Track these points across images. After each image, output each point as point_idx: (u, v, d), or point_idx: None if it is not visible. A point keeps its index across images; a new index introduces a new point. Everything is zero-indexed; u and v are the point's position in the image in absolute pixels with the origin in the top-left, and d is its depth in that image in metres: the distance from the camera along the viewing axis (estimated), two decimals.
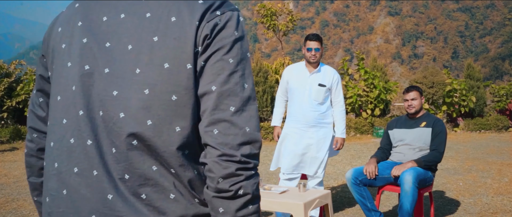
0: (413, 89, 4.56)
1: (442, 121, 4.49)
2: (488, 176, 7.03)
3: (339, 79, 4.66)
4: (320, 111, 4.46)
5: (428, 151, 4.37)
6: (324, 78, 4.48)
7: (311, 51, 4.39)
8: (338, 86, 4.59)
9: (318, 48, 4.40)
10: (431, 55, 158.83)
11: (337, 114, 4.60)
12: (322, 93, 4.44)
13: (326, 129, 4.51)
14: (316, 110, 4.43)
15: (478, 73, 14.68)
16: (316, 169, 4.47)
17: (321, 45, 4.44)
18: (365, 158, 9.15)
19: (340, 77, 4.70)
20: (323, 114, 4.47)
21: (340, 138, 4.58)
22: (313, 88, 4.42)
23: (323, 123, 4.49)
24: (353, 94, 12.80)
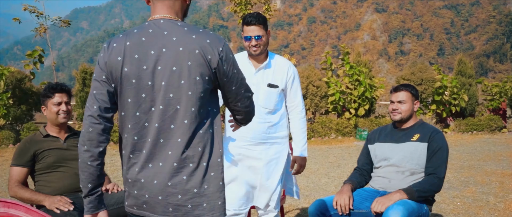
0: (403, 89, 3.32)
1: (442, 133, 3.26)
2: (489, 192, 5.86)
3: (296, 74, 3.38)
4: (271, 122, 3.22)
5: (422, 175, 3.16)
6: (275, 75, 3.22)
7: (251, 40, 3.10)
8: (295, 84, 3.34)
9: (260, 35, 3.09)
10: (418, 51, 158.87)
11: (295, 124, 3.35)
12: (274, 96, 3.20)
13: (278, 146, 3.28)
14: (265, 121, 3.20)
15: (470, 69, 13.54)
16: (267, 201, 3.24)
17: (264, 29, 3.12)
18: (346, 166, 7.94)
19: (296, 72, 3.42)
20: (275, 126, 3.25)
21: (299, 157, 3.33)
22: (261, 90, 3.17)
23: (274, 139, 3.26)
24: (336, 91, 11.56)
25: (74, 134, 3.36)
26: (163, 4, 1.87)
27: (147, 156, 1.82)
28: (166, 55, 1.78)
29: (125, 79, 1.80)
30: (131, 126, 1.83)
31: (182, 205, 1.82)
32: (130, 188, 1.87)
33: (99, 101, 1.82)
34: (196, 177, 1.82)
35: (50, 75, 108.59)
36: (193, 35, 1.81)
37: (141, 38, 1.81)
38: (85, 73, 11.51)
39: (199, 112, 1.81)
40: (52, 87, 3.24)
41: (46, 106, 3.24)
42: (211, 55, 1.80)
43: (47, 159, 3.17)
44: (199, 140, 1.82)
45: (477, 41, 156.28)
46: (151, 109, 1.81)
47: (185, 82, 1.77)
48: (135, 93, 1.80)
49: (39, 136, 3.25)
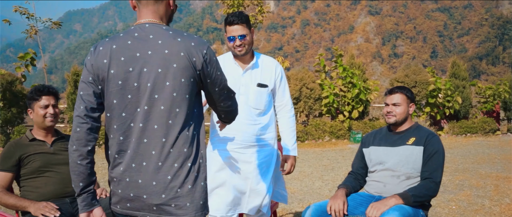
0: (397, 91, 3.26)
1: (438, 137, 3.19)
2: (484, 195, 5.81)
3: (283, 72, 3.30)
4: (261, 124, 3.14)
5: (417, 179, 3.09)
6: (263, 74, 3.14)
7: (235, 41, 3.01)
8: (283, 83, 3.26)
9: (244, 34, 2.99)
10: (411, 54, 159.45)
11: (284, 123, 3.27)
12: (264, 96, 3.12)
13: (268, 149, 3.20)
14: (256, 123, 3.12)
15: (464, 72, 13.50)
16: (259, 206, 3.16)
17: (248, 28, 3.03)
18: (340, 169, 7.88)
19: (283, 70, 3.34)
20: (265, 128, 3.16)
21: (290, 156, 3.24)
22: (250, 91, 3.09)
23: (264, 141, 3.18)
24: (330, 94, 11.48)
25: (62, 137, 3.27)
26: (148, 9, 1.93)
27: (132, 155, 1.87)
28: (151, 57, 1.84)
29: (111, 81, 1.85)
30: (117, 127, 1.88)
31: (166, 204, 1.86)
32: (115, 187, 1.92)
33: (85, 102, 1.88)
34: (181, 177, 1.86)
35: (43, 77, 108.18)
36: (178, 38, 1.87)
37: (127, 42, 1.87)
38: (77, 76, 11.37)
39: (183, 113, 1.86)
40: (39, 90, 3.15)
41: (33, 109, 3.14)
42: (196, 57, 1.86)
43: (33, 163, 3.07)
44: (184, 141, 1.87)
45: (470, 44, 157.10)
46: (136, 110, 1.86)
47: (170, 83, 1.83)
48: (121, 95, 1.85)
49: (25, 140, 3.15)
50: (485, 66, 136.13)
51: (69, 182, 3.14)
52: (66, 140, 3.28)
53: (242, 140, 3.08)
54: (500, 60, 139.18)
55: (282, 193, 3.44)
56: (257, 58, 3.15)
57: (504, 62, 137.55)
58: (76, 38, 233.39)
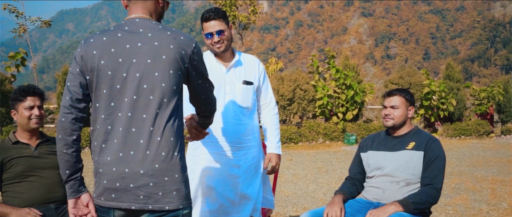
0: (396, 93, 3.13)
1: (439, 141, 3.08)
2: (481, 200, 5.72)
3: (264, 69, 3.17)
4: (248, 124, 3.00)
5: (417, 185, 2.97)
6: (247, 72, 3.01)
7: (212, 37, 2.87)
8: (266, 80, 3.13)
9: (222, 29, 2.85)
10: (404, 56, 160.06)
11: (268, 120, 3.13)
12: (250, 94, 2.98)
13: (256, 151, 3.07)
14: (242, 123, 2.97)
15: (458, 74, 13.46)
16: (250, 212, 3.02)
17: (226, 23, 2.89)
18: (334, 172, 7.77)
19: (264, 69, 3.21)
20: (251, 128, 3.03)
21: (274, 154, 3.08)
22: (237, 89, 2.95)
23: (251, 142, 3.04)
24: (324, 95, 11.37)
25: (47, 140, 3.12)
26: (137, 6, 2.01)
27: (119, 145, 1.89)
28: (141, 49, 1.90)
29: (101, 71, 1.89)
30: (104, 116, 1.91)
31: (153, 192, 1.88)
32: (100, 178, 1.92)
33: (71, 92, 1.92)
34: (168, 166, 1.89)
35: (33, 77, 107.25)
36: (167, 31, 1.94)
37: (117, 34, 1.93)
38: None
39: (171, 103, 1.91)
40: (23, 90, 3.00)
41: (17, 111, 2.99)
42: (185, 50, 1.94)
43: (16, 168, 2.92)
44: (170, 130, 1.91)
45: (462, 46, 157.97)
46: (124, 100, 1.89)
47: (159, 74, 1.88)
48: (110, 85, 1.89)
49: (8, 143, 3.00)
50: (477, 68, 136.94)
51: (54, 187, 3.00)
52: (52, 143, 3.14)
53: (230, 142, 2.93)
54: (491, 62, 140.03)
55: (268, 197, 3.30)
56: (239, 55, 3.02)
57: (496, 64, 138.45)
58: (69, 38, 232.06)
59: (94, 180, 1.97)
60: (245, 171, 2.99)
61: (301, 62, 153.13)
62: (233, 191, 2.95)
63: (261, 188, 3.10)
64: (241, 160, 2.97)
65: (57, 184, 3.03)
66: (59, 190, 3.03)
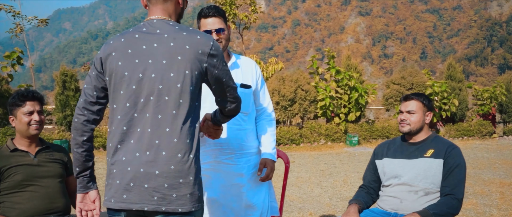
0: (413, 98, 2.98)
1: (459, 149, 2.93)
2: (491, 204, 5.59)
3: (261, 73, 2.99)
4: (248, 129, 2.81)
5: (437, 195, 2.83)
6: (245, 75, 2.80)
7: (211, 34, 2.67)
8: (263, 84, 2.95)
9: (222, 28, 2.67)
10: (401, 55, 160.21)
11: (264, 125, 2.91)
12: (249, 98, 2.79)
13: (258, 157, 2.87)
14: (243, 128, 2.78)
15: (460, 74, 13.34)
16: None
17: (224, 23, 2.72)
18: (338, 175, 7.63)
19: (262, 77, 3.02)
20: (251, 134, 2.84)
21: (269, 160, 2.82)
22: None
23: (253, 148, 2.85)
24: (325, 96, 11.22)
25: (47, 147, 2.97)
26: (157, 7, 2.00)
27: (135, 145, 1.88)
28: (157, 49, 1.89)
29: (118, 72, 1.90)
30: (120, 117, 1.90)
31: (167, 193, 1.87)
32: (113, 178, 1.91)
33: (86, 95, 1.98)
34: (183, 168, 1.88)
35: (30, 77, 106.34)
36: (183, 32, 1.93)
37: (135, 35, 1.94)
38: (65, 76, 11.01)
39: (187, 104, 1.89)
40: (22, 95, 2.85)
41: (15, 116, 2.84)
42: (202, 50, 1.91)
43: (15, 176, 2.77)
44: (187, 132, 1.90)
45: (459, 45, 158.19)
46: (140, 100, 1.89)
47: (174, 74, 1.87)
48: (127, 85, 1.89)
49: (6, 151, 2.85)
50: (474, 67, 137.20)
51: (55, 197, 2.85)
52: (52, 150, 2.99)
53: (232, 149, 2.74)
54: (488, 62, 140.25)
55: (272, 204, 3.13)
56: (236, 58, 2.84)
57: (493, 64, 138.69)
58: (66, 37, 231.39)
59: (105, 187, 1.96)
60: (249, 179, 2.82)
61: (298, 61, 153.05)
62: (238, 201, 2.78)
63: (266, 196, 2.94)
64: (244, 168, 2.80)
65: (58, 194, 2.88)
66: (60, 200, 2.88)
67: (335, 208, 5.53)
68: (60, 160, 3.00)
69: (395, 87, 12.83)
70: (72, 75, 11.09)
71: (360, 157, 9.57)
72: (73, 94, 10.96)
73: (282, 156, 3.59)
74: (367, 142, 11.91)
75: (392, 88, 12.94)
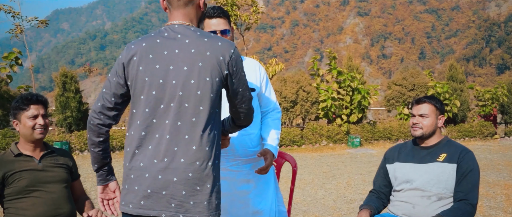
0: (426, 101, 2.92)
1: (473, 153, 2.88)
2: (497, 207, 5.54)
3: (266, 74, 2.87)
4: (253, 133, 2.73)
5: (450, 200, 2.77)
6: (249, 77, 2.64)
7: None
8: (269, 85, 2.83)
9: (227, 29, 2.59)
10: (399, 55, 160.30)
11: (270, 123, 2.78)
12: (254, 101, 2.71)
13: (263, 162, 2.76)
14: (248, 133, 2.69)
15: (461, 75, 13.30)
16: None
17: (229, 24, 2.64)
18: (341, 177, 7.58)
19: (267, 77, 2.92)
20: (257, 138, 2.75)
21: (271, 152, 2.59)
22: None
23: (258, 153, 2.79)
24: (327, 98, 11.16)
25: (51, 152, 2.90)
26: (178, 12, 1.98)
27: (153, 151, 1.87)
28: (178, 56, 1.88)
29: (139, 77, 1.90)
30: (139, 122, 1.90)
31: (185, 201, 1.86)
32: (131, 184, 1.91)
33: (103, 100, 1.98)
34: (201, 175, 1.86)
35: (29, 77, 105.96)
36: (205, 38, 1.90)
37: (156, 40, 1.92)
38: (65, 77, 10.94)
39: (206, 111, 1.87)
40: (26, 98, 2.78)
41: (19, 120, 2.77)
42: (223, 56, 1.89)
43: (19, 182, 2.70)
44: (206, 139, 1.87)
45: (457, 45, 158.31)
46: (160, 106, 1.88)
47: (195, 81, 1.85)
48: (147, 91, 1.89)
49: (10, 155, 2.78)
50: (472, 68, 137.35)
51: (61, 203, 2.79)
52: (57, 154, 2.92)
53: (237, 155, 2.68)
54: (487, 62, 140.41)
55: (280, 208, 3.06)
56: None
57: (491, 64, 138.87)
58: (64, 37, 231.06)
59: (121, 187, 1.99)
60: (256, 185, 2.75)
61: (297, 61, 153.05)
62: (244, 208, 2.70)
63: (274, 201, 2.87)
64: (251, 174, 2.72)
65: (63, 199, 2.81)
66: (66, 206, 2.81)
67: (340, 211, 5.48)
68: (65, 164, 2.93)
69: (396, 88, 12.78)
70: (72, 76, 11.02)
71: (363, 159, 9.52)
72: (73, 95, 10.89)
73: (290, 160, 3.52)
74: (369, 143, 11.86)
75: (393, 89, 12.89)
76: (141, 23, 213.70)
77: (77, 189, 3.02)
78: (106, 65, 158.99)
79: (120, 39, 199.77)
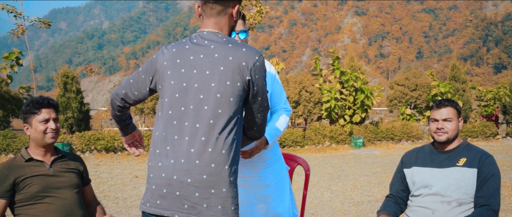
0: (448, 105, 2.85)
1: (493, 157, 2.83)
2: (506, 209, 5.51)
3: (276, 72, 2.81)
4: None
5: (471, 206, 2.72)
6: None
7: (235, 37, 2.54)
8: (279, 85, 2.77)
9: (246, 30, 2.55)
10: (397, 54, 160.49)
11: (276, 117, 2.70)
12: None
13: (279, 164, 2.75)
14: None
15: (464, 75, 13.27)
16: None
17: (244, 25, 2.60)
18: (346, 178, 7.52)
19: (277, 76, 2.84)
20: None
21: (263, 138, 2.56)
22: None
23: (274, 156, 2.72)
24: (330, 98, 11.10)
25: (62, 156, 2.83)
26: (210, 20, 2.03)
27: (171, 152, 1.91)
28: (202, 60, 1.94)
29: (166, 81, 1.97)
30: (162, 124, 1.96)
31: (198, 203, 1.86)
32: (150, 183, 1.96)
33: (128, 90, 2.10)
34: (216, 178, 1.86)
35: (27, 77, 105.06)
36: (229, 44, 1.94)
37: (185, 46, 2.00)
38: (66, 77, 10.85)
39: (226, 115, 1.89)
40: (37, 102, 2.71)
41: (30, 124, 2.70)
42: (246, 62, 1.91)
43: (31, 188, 2.63)
44: (223, 142, 1.87)
45: (455, 45, 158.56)
46: (181, 109, 1.92)
47: (215, 85, 1.89)
48: (171, 94, 1.95)
49: (20, 161, 2.71)
50: (470, 67, 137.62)
51: (73, 209, 2.72)
52: (68, 159, 2.86)
53: (251, 162, 2.61)
54: (484, 61, 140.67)
55: (294, 212, 3.02)
56: None
57: (488, 63, 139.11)
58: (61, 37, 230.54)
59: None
60: (275, 188, 2.71)
61: (295, 60, 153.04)
62: (264, 214, 2.67)
63: (290, 203, 2.83)
64: (269, 178, 2.68)
65: (75, 205, 2.75)
66: (78, 212, 2.75)
67: (348, 213, 5.42)
68: (76, 169, 2.87)
69: (399, 88, 12.74)
70: (73, 76, 10.94)
71: (367, 160, 9.47)
72: (74, 96, 10.80)
73: (302, 164, 3.46)
74: (371, 144, 11.81)
75: (396, 89, 12.85)
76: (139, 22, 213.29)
77: (88, 194, 2.96)
78: (104, 64, 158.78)
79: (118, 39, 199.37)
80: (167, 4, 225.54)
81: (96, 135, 10.11)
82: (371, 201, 6.02)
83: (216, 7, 2.01)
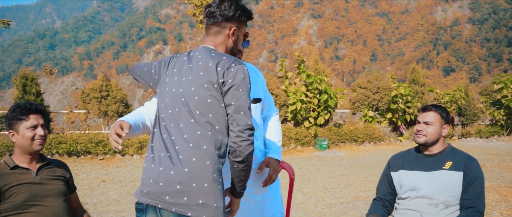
0: (432, 109, 2.95)
1: (477, 161, 2.95)
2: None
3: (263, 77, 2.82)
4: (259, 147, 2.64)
5: (457, 208, 2.82)
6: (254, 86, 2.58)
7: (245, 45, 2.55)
8: (267, 91, 2.78)
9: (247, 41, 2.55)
10: (352, 57, 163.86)
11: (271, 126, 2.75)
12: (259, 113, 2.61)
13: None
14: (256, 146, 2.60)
15: (422, 78, 13.71)
16: None
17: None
18: (315, 180, 7.62)
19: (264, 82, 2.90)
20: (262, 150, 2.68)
21: (274, 160, 2.60)
22: None
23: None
24: (296, 100, 11.21)
25: (48, 164, 2.74)
26: (208, 38, 2.30)
27: (161, 148, 2.11)
28: (190, 68, 2.19)
29: (163, 87, 2.25)
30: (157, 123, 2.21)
31: (179, 196, 2.00)
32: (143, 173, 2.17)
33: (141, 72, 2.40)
34: (198, 173, 2.01)
35: None
36: (213, 54, 2.17)
37: (183, 58, 2.26)
38: (26, 79, 10.48)
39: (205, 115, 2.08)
40: (24, 108, 2.62)
41: (17, 131, 2.60)
42: (221, 67, 2.10)
43: (17, 197, 2.54)
44: (203, 139, 2.05)
45: (407, 48, 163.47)
46: (168, 112, 2.17)
47: (195, 88, 2.11)
48: (164, 99, 2.21)
49: (5, 168, 2.61)
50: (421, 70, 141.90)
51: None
52: (54, 166, 2.77)
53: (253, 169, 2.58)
54: (434, 64, 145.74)
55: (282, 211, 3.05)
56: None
57: (438, 66, 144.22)
58: (10, 35, 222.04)
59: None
60: (270, 191, 2.73)
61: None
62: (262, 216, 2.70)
63: (281, 204, 2.85)
64: (260, 180, 2.71)
65: (63, 213, 2.67)
66: None
67: (322, 215, 5.50)
68: (63, 176, 2.79)
69: (361, 91, 13.01)
70: (33, 78, 10.57)
71: (332, 161, 9.63)
72: (34, 98, 10.44)
73: (287, 168, 3.48)
74: (336, 145, 12.01)
75: (358, 92, 13.12)
76: (93, 22, 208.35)
77: (74, 201, 2.88)
78: (56, 65, 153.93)
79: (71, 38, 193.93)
80: (123, 4, 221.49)
81: (57, 138, 9.79)
82: (343, 203, 6.13)
83: (213, 28, 2.26)
